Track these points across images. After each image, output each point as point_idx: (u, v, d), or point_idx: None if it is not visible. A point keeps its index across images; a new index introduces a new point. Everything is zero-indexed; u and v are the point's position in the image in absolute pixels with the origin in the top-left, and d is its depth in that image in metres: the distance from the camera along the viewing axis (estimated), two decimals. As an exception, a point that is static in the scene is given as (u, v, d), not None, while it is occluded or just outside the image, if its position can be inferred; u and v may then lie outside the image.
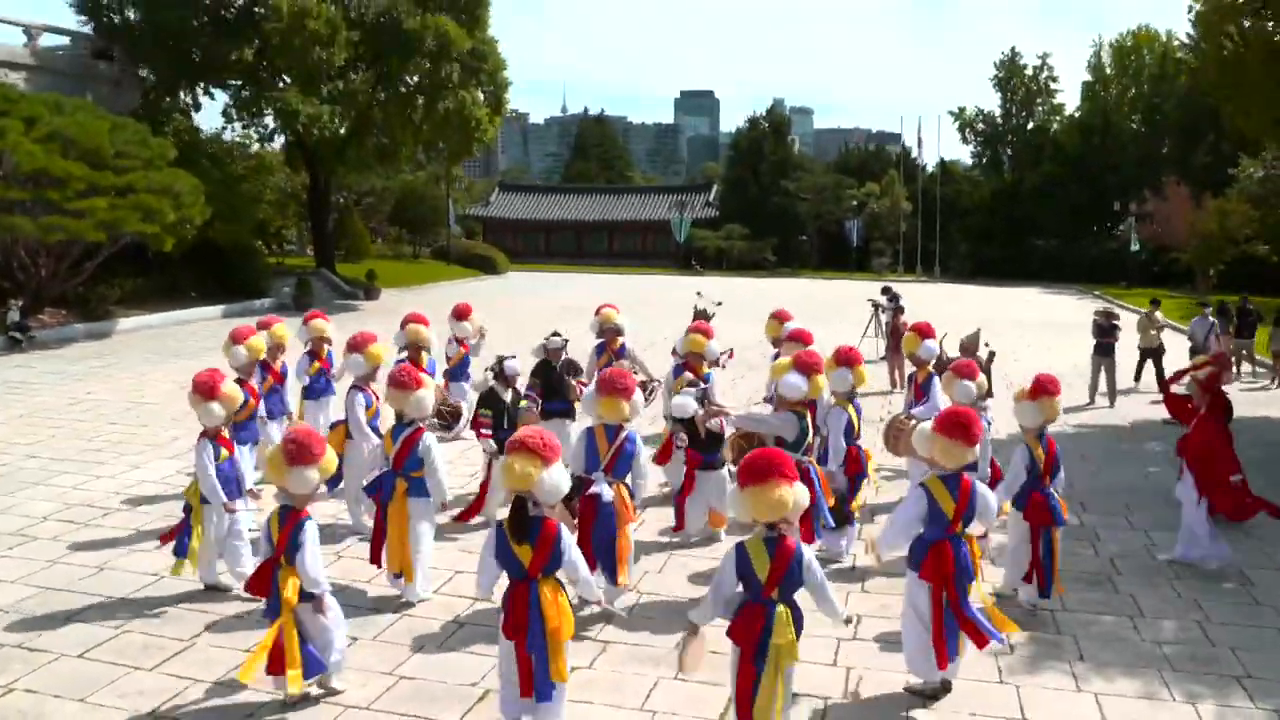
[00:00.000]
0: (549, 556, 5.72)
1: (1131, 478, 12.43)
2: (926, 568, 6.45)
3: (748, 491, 5.45)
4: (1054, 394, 8.09)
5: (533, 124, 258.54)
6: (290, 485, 6.26)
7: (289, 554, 6.19)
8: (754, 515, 5.49)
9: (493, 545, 5.81)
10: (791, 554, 5.46)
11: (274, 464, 6.30)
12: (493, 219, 68.69)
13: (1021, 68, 64.89)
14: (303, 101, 29.40)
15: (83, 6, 30.03)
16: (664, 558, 9.35)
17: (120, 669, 6.84)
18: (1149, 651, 7.40)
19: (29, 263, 23.07)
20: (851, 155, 76.38)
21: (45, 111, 21.57)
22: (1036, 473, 8.03)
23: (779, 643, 5.46)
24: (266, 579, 6.30)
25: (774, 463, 5.49)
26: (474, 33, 33.96)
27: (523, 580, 5.71)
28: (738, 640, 5.54)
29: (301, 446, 6.21)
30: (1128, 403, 17.15)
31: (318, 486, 6.49)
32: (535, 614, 5.64)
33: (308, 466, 6.23)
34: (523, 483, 5.64)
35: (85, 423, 14.51)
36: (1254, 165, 34.41)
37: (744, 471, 5.53)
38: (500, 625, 5.75)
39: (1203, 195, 38.95)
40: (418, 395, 8.18)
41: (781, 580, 5.46)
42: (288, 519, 6.26)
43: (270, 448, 6.71)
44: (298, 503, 6.31)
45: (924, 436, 6.86)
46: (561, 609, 5.74)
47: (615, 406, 7.93)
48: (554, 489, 5.74)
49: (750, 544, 5.51)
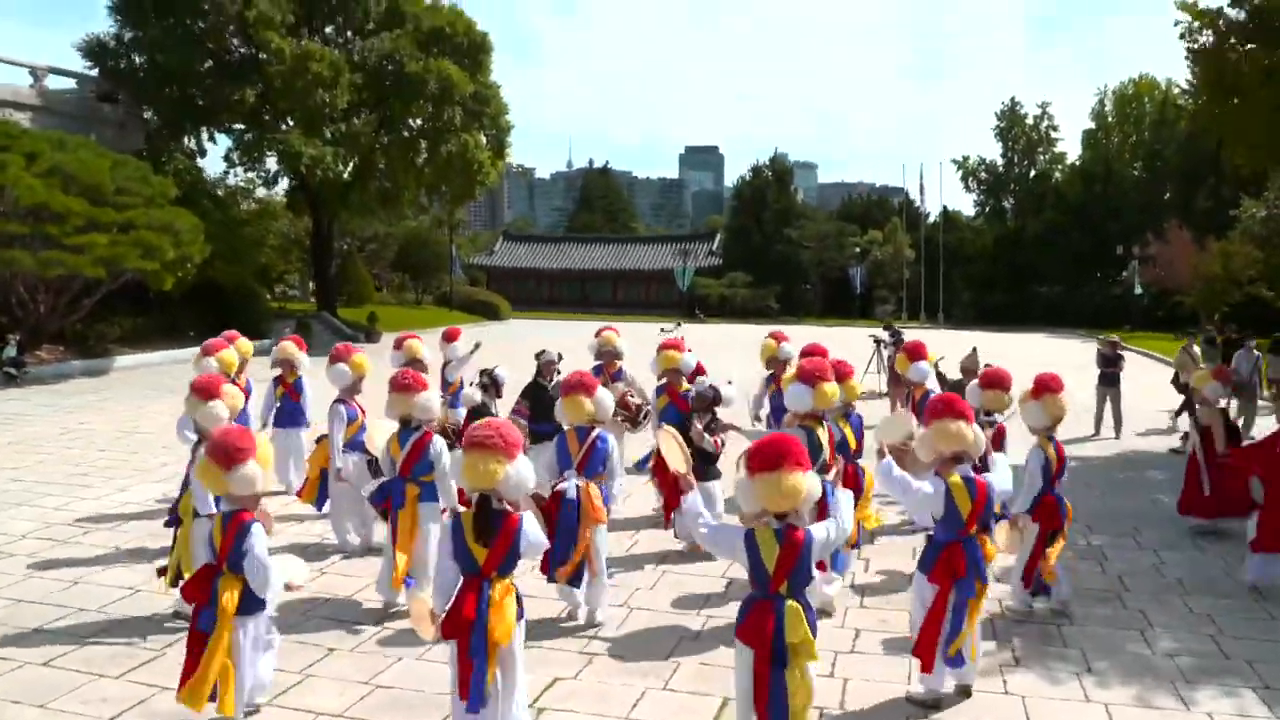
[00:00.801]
0: (506, 554, 5.35)
1: (1138, 503, 12.13)
2: (938, 571, 6.23)
3: (758, 479, 5.09)
4: (1057, 390, 7.88)
5: (539, 179, 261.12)
6: (234, 489, 5.80)
7: (232, 560, 5.74)
8: (764, 505, 5.14)
9: (449, 545, 5.44)
10: (802, 544, 5.13)
11: (209, 474, 5.85)
12: (497, 268, 68.95)
13: (1022, 117, 65.43)
14: (305, 143, 29.60)
15: (89, 51, 30.44)
16: (656, 574, 9.07)
17: (85, 677, 6.58)
18: (1160, 664, 7.09)
19: (27, 299, 23.02)
20: (854, 204, 76.83)
21: (47, 147, 21.66)
22: (1049, 475, 7.82)
23: (794, 642, 5.08)
24: (205, 586, 5.78)
25: (786, 449, 5.14)
26: (476, 77, 34.32)
27: (475, 576, 5.33)
28: (749, 641, 5.14)
29: (230, 448, 5.76)
30: (1133, 433, 16.89)
31: (261, 482, 5.95)
32: (484, 615, 5.24)
33: (243, 465, 5.77)
34: (487, 481, 5.29)
35: (75, 450, 14.30)
36: (1256, 205, 34.36)
37: (754, 458, 5.16)
38: (440, 626, 5.31)
39: (1205, 238, 38.91)
40: (422, 397, 7.98)
41: (791, 572, 5.12)
42: (231, 523, 5.80)
43: (200, 460, 6.23)
44: (244, 505, 5.91)
45: (921, 441, 6.65)
46: (504, 611, 5.29)
47: (577, 405, 7.74)
48: (520, 483, 5.40)
49: (760, 532, 5.17)
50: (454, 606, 5.33)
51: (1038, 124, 65.32)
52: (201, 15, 30.21)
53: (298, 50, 29.23)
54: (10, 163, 20.12)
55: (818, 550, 5.28)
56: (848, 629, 7.71)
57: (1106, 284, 50.49)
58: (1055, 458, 7.89)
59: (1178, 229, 41.19)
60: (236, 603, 5.70)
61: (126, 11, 30.41)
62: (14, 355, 21.06)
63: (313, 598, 8.23)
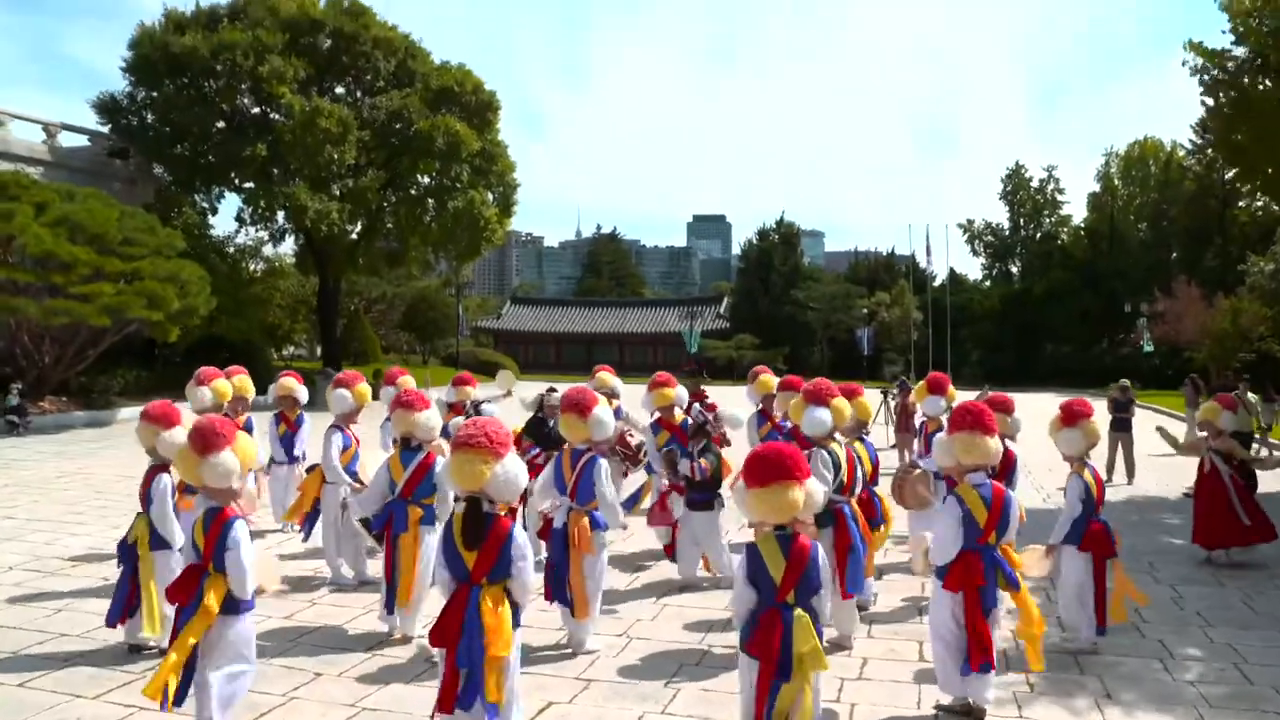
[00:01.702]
0: (496, 559, 5.12)
1: (1154, 543, 11.84)
2: (952, 578, 6.02)
3: (755, 492, 5.02)
4: (1088, 415, 7.68)
5: (547, 247, 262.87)
6: (207, 479, 5.61)
7: (217, 559, 5.55)
8: (762, 516, 5.05)
9: (440, 540, 5.33)
10: (808, 552, 4.98)
11: (185, 462, 5.67)
12: (504, 331, 69.15)
13: (1027, 181, 65.95)
14: (312, 198, 29.78)
15: (102, 108, 30.88)
16: (658, 607, 8.80)
17: (61, 697, 6.33)
18: (1181, 691, 6.78)
19: (32, 349, 23.00)
20: (861, 266, 77.09)
21: (56, 198, 21.80)
22: (1091, 503, 7.61)
23: (803, 651, 4.86)
24: (191, 586, 5.55)
25: (783, 462, 5.03)
26: (484, 135, 34.64)
27: (464, 583, 5.14)
28: (755, 653, 4.93)
29: (206, 433, 5.60)
30: (1145, 478, 16.60)
31: (240, 476, 5.76)
32: (473, 623, 5.01)
33: (218, 452, 5.58)
34: (475, 482, 5.10)
35: (70, 492, 14.12)
36: (1264, 260, 34.31)
37: (751, 470, 5.07)
38: (429, 633, 5.13)
39: (1214, 295, 38.83)
40: (424, 416, 7.80)
41: (798, 582, 4.94)
42: (214, 521, 5.61)
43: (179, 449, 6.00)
44: (222, 499, 5.72)
45: (942, 446, 6.50)
46: (501, 621, 5.06)
47: (572, 425, 7.55)
48: (510, 484, 5.21)
49: (762, 542, 5.02)
50: (443, 614, 5.13)
51: (1044, 187, 65.83)
52: (214, 74, 30.65)
53: (307, 105, 29.56)
54: (18, 211, 20.22)
55: (821, 563, 5.08)
56: (855, 657, 7.42)
57: (1115, 342, 50.32)
58: (1094, 483, 7.70)
59: (1186, 285, 41.15)
60: (221, 603, 5.50)
61: (140, 71, 30.88)
62: (15, 404, 20.96)
63: (302, 626, 7.99)
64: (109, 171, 30.36)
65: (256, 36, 30.08)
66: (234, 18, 31.39)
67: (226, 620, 5.56)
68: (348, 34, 32.57)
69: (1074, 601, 7.62)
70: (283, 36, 30.86)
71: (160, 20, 31.60)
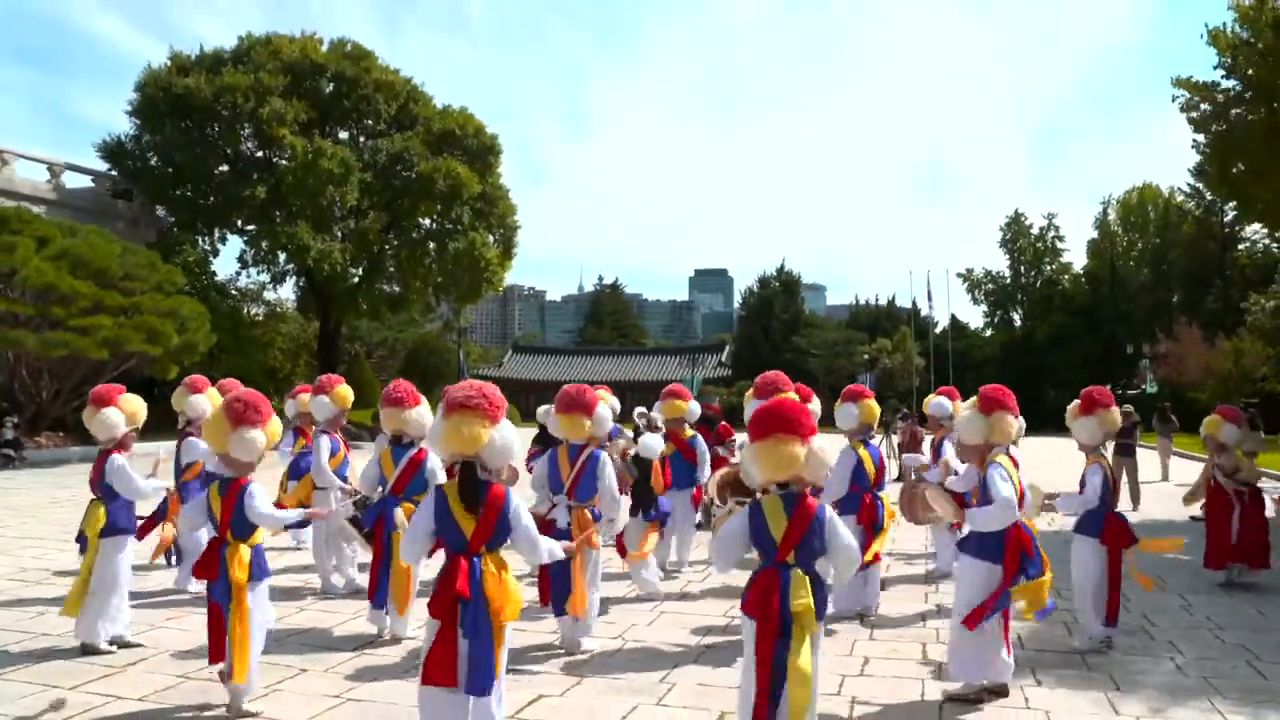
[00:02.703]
0: (494, 527, 4.98)
1: (1161, 560, 11.54)
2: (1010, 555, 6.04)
3: (758, 446, 4.85)
4: (1108, 404, 7.59)
5: (550, 300, 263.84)
6: (233, 450, 5.66)
7: (235, 528, 5.59)
8: (764, 473, 4.87)
9: (430, 512, 5.05)
10: (812, 514, 4.79)
11: (216, 428, 5.73)
12: (506, 379, 68.84)
13: (1027, 228, 66.11)
14: (314, 238, 29.90)
15: (106, 151, 31.13)
16: (654, 614, 8.60)
17: (37, 687, 6.19)
18: (1193, 684, 6.58)
19: (30, 384, 22.93)
20: (862, 313, 77.06)
21: (58, 233, 21.87)
22: (1108, 492, 7.51)
23: (796, 609, 4.66)
24: (214, 560, 5.63)
25: (786, 416, 4.87)
26: (485, 178, 34.84)
27: (462, 553, 4.97)
28: (753, 612, 4.75)
29: (248, 406, 5.68)
30: (1151, 505, 16.37)
31: (262, 455, 5.84)
32: (476, 592, 4.85)
33: (252, 428, 5.65)
34: (471, 445, 4.94)
35: (62, 514, 13.95)
36: (1265, 299, 34.25)
37: (756, 425, 4.92)
38: (428, 605, 4.94)
39: (1215, 336, 38.74)
40: (415, 412, 7.70)
41: (799, 542, 4.76)
42: (230, 489, 5.66)
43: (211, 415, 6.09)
44: (240, 472, 5.72)
45: (969, 423, 6.62)
46: (507, 588, 4.92)
47: (575, 424, 7.42)
48: (505, 448, 5.08)
49: (766, 502, 4.85)
50: (443, 584, 4.92)
51: (1044, 235, 65.97)
52: (216, 116, 30.93)
53: (309, 147, 29.78)
54: (20, 245, 20.28)
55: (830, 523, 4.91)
56: (856, 656, 7.22)
57: (1118, 385, 50.15)
58: (1111, 474, 7.62)
59: (1187, 327, 41.08)
60: (248, 571, 5.59)
61: (144, 114, 31.18)
62: (10, 438, 20.82)
63: (289, 629, 7.81)
64: (112, 212, 30.53)
65: (259, 79, 30.40)
66: (237, 61, 31.76)
67: (254, 586, 5.69)
68: (349, 77, 32.91)
69: (1090, 596, 7.43)
70: (285, 79, 31.20)
71: (166, 63, 31.98)
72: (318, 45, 33.43)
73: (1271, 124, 14.21)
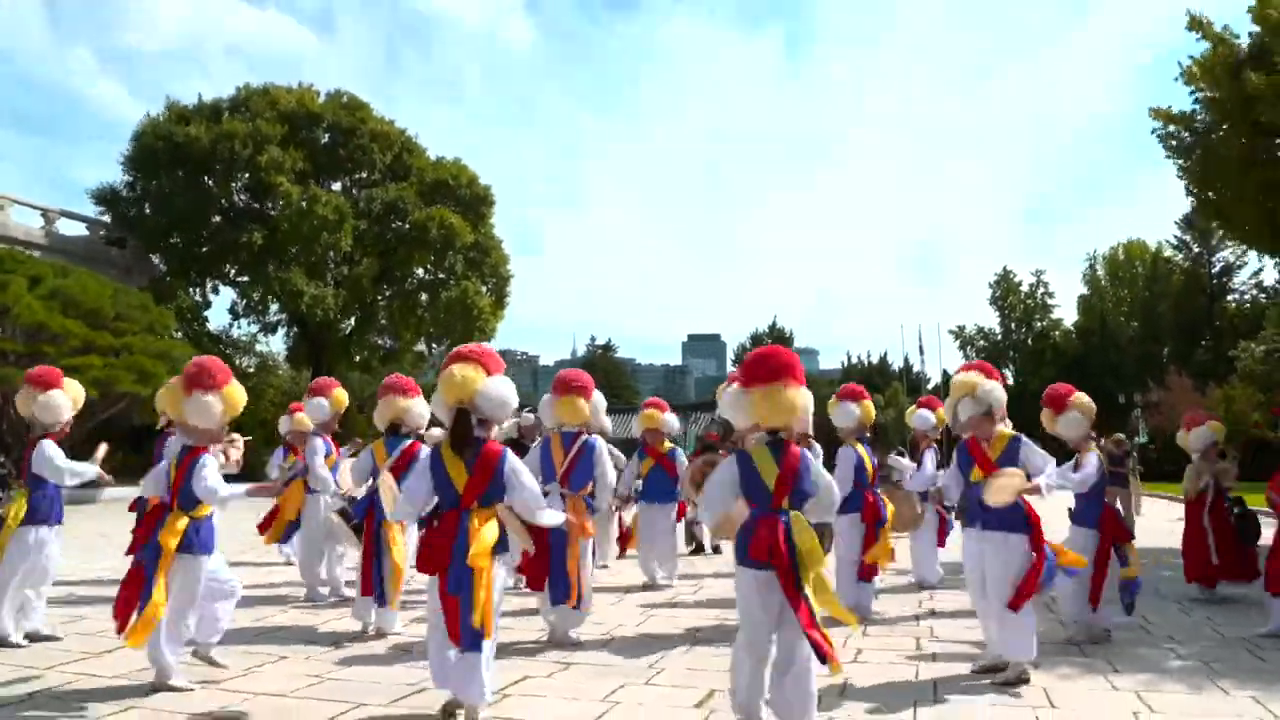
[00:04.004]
0: (487, 483, 5.01)
1: (1156, 575, 11.48)
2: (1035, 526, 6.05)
3: (755, 391, 4.77)
4: (1073, 392, 7.56)
5: (543, 365, 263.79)
6: (188, 415, 5.54)
7: (184, 498, 5.48)
8: (758, 418, 4.80)
9: (426, 466, 5.13)
10: (798, 459, 4.75)
11: (170, 393, 5.63)
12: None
13: (1017, 285, 66.50)
14: (308, 283, 29.97)
15: (100, 199, 31.30)
16: (643, 615, 8.49)
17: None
18: (1191, 664, 6.49)
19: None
20: (854, 370, 77.06)
21: (51, 273, 21.89)
22: (1104, 480, 7.40)
23: (803, 549, 4.58)
24: (152, 522, 5.52)
25: (782, 361, 4.84)
26: (478, 228, 35.07)
27: (454, 508, 4.98)
28: (760, 557, 4.60)
29: (203, 370, 5.57)
30: (1144, 537, 16.22)
31: (221, 422, 5.71)
32: (461, 547, 4.85)
33: (207, 392, 5.53)
34: (464, 390, 5.07)
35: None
36: (1255, 344, 34.33)
37: (749, 370, 4.85)
38: (415, 562, 4.98)
39: (1206, 385, 38.81)
40: (414, 402, 7.68)
41: (791, 488, 4.71)
42: (185, 458, 5.56)
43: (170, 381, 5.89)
44: (199, 439, 5.60)
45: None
46: (481, 537, 4.88)
47: (572, 406, 7.39)
48: (499, 400, 5.16)
49: (754, 450, 4.79)
50: (430, 538, 4.99)
51: (1033, 292, 66.34)
52: (213, 164, 31.16)
53: (304, 193, 30.00)
54: (12, 283, 20.26)
55: (815, 467, 4.87)
56: (849, 648, 7.07)
57: (1111, 435, 50.10)
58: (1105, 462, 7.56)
59: (1178, 375, 41.19)
60: (179, 540, 5.41)
61: (140, 162, 31.42)
62: (-3, 477, 20.61)
63: (270, 627, 7.68)
64: (105, 259, 30.61)
65: (256, 127, 30.71)
66: (235, 110, 32.12)
67: (184, 559, 5.43)
68: (345, 127, 33.28)
69: (1080, 586, 7.28)
70: (282, 128, 31.53)
71: (164, 112, 32.32)
72: (315, 96, 33.86)
73: (1243, 148, 14.55)
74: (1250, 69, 13.70)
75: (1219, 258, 52.09)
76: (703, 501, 4.96)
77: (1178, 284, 51.93)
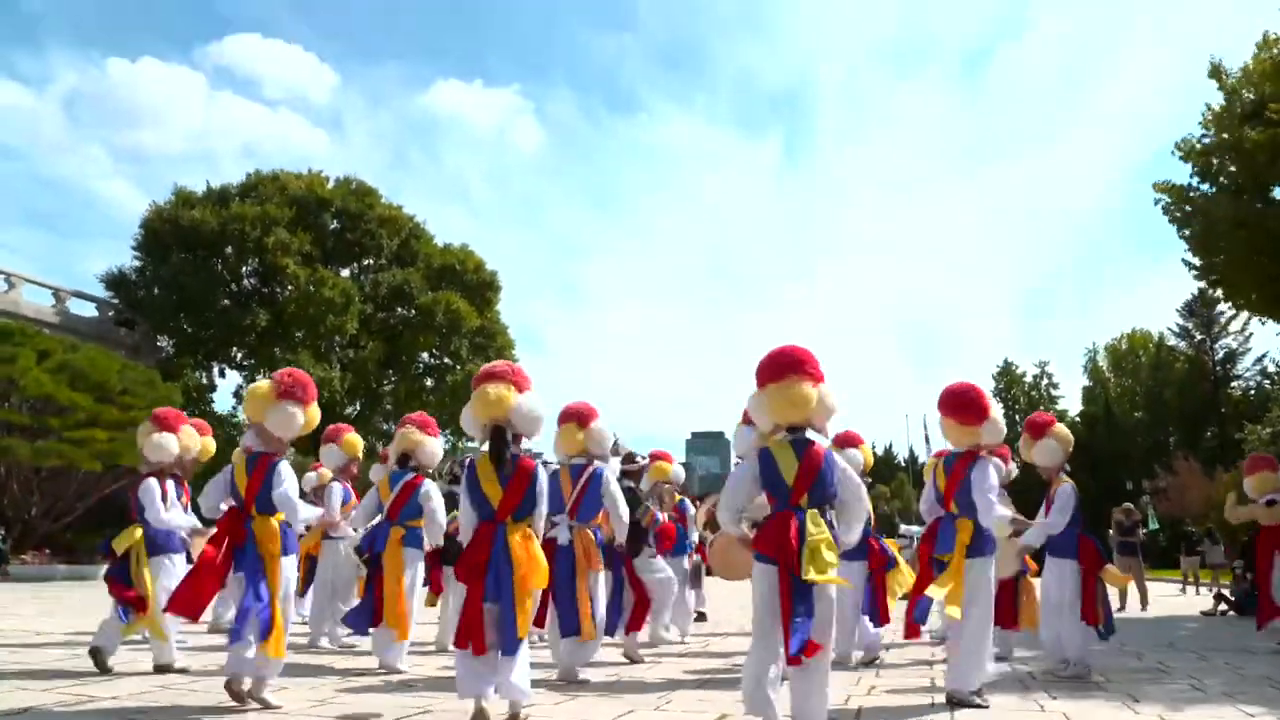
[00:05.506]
0: (521, 497, 5.12)
1: (1171, 634, 11.30)
2: None
3: (770, 389, 4.79)
4: (1053, 421, 7.69)
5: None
6: (270, 423, 5.57)
7: (262, 502, 5.52)
8: (774, 416, 4.81)
9: (465, 484, 5.28)
10: (822, 456, 4.70)
11: (258, 397, 5.63)
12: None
13: (1020, 377, 66.59)
14: (314, 365, 30.09)
15: (110, 282, 31.69)
16: (653, 660, 8.32)
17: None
18: (1213, 696, 6.34)
19: (20, 498, 22.66)
20: (859, 462, 76.76)
21: (59, 348, 22.06)
22: (1079, 512, 7.36)
23: (814, 542, 4.48)
24: (239, 530, 5.56)
25: (793, 358, 4.84)
26: (484, 312, 35.38)
27: (489, 522, 5.10)
28: (768, 549, 4.58)
29: (296, 381, 5.64)
30: (1160, 603, 16.03)
31: (297, 433, 5.73)
32: (501, 557, 4.98)
33: (295, 404, 5.59)
34: (499, 408, 5.17)
35: (45, 605, 13.60)
36: (1261, 427, 34.26)
37: (761, 372, 4.88)
38: (455, 570, 5.09)
39: (1214, 470, 38.57)
40: (431, 440, 7.72)
41: (812, 485, 4.64)
42: (258, 464, 5.58)
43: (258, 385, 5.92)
44: (273, 447, 5.64)
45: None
46: (532, 556, 5.05)
47: (568, 434, 7.38)
48: (532, 416, 5.29)
49: (775, 446, 4.76)
50: (469, 550, 5.11)
51: (1037, 383, 66.40)
52: (221, 246, 31.60)
53: (312, 276, 30.36)
54: (21, 355, 20.42)
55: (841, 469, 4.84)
56: (861, 685, 6.94)
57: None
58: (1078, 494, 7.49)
59: (1185, 460, 40.98)
60: (279, 543, 5.62)
61: (147, 247, 31.88)
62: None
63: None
64: (114, 339, 30.84)
65: (265, 210, 31.24)
66: (244, 195, 32.71)
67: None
68: (354, 213, 33.83)
69: (1066, 612, 7.21)
70: (291, 212, 32.06)
71: (170, 199, 32.90)
72: (324, 181, 34.49)
73: (1238, 214, 14.94)
74: (1249, 126, 14.12)
75: (1221, 344, 52.34)
76: (722, 498, 4.95)
77: (1181, 371, 52.06)
